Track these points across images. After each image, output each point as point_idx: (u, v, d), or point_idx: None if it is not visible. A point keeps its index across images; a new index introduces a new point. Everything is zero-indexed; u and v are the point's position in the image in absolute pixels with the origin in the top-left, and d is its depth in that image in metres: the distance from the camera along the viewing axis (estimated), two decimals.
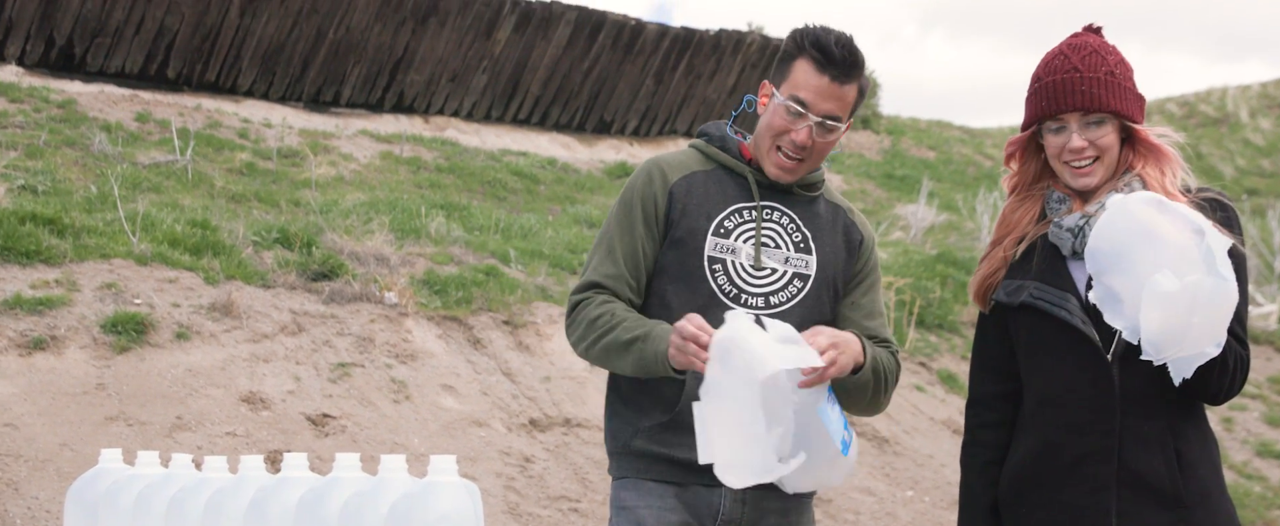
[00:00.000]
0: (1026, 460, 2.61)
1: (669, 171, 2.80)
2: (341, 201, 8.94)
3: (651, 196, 2.77)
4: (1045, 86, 2.56)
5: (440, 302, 7.11)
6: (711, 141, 2.86)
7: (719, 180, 2.80)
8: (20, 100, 9.94)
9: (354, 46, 12.69)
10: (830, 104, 2.67)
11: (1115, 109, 2.52)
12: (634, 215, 2.77)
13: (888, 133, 18.63)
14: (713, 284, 2.72)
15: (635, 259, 2.75)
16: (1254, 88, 24.92)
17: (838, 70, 2.66)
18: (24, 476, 4.94)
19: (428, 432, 5.98)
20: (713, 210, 2.76)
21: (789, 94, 2.68)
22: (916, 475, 7.15)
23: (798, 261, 2.77)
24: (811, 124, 2.68)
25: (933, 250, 11.38)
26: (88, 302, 6.07)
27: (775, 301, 2.74)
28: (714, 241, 2.73)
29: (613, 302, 2.71)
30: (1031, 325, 2.60)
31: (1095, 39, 2.61)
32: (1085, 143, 2.54)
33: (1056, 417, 2.56)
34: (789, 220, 2.79)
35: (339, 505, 2.05)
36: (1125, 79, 2.56)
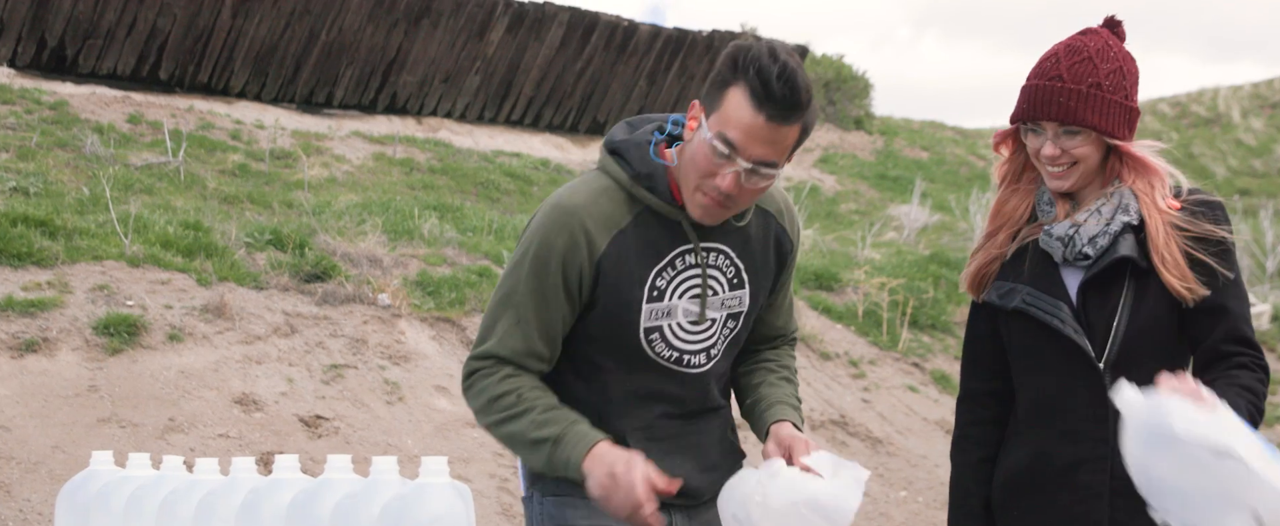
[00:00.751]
0: (1019, 465, 2.60)
1: (595, 233, 2.37)
2: (334, 203, 8.93)
3: (577, 267, 2.37)
4: (1028, 89, 2.51)
5: (433, 304, 7.10)
6: (638, 179, 2.40)
7: (648, 228, 2.40)
8: (12, 101, 9.93)
9: (346, 48, 12.68)
10: (763, 148, 2.25)
11: (1093, 124, 2.45)
12: (550, 282, 2.37)
13: (881, 133, 18.66)
14: (651, 352, 2.45)
15: (550, 332, 2.40)
16: (1245, 88, 24.99)
17: (776, 108, 2.22)
18: (16, 478, 4.93)
19: (421, 434, 5.98)
20: (644, 271, 2.40)
21: (717, 130, 2.26)
22: (910, 475, 7.16)
23: (732, 300, 2.50)
24: (740, 170, 2.26)
25: (925, 250, 11.39)
26: (80, 304, 6.06)
27: (714, 353, 2.51)
28: (649, 309, 2.41)
29: (517, 376, 2.39)
30: (1023, 330, 2.59)
31: (1097, 41, 2.51)
32: (1059, 151, 2.49)
33: (1049, 424, 2.55)
34: (724, 257, 2.47)
35: (330, 507, 2.05)
36: (1113, 91, 2.47)
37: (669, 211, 2.40)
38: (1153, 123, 24.01)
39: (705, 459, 2.58)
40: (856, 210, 14.49)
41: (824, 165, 16.62)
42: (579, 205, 2.39)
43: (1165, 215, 2.49)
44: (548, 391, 2.43)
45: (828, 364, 8.23)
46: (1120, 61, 2.50)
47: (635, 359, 2.45)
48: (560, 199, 2.41)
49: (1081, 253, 2.52)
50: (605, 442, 2.32)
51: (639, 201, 2.41)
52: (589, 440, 2.31)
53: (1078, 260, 2.54)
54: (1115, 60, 2.49)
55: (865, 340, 8.76)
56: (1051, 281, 2.55)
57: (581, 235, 2.37)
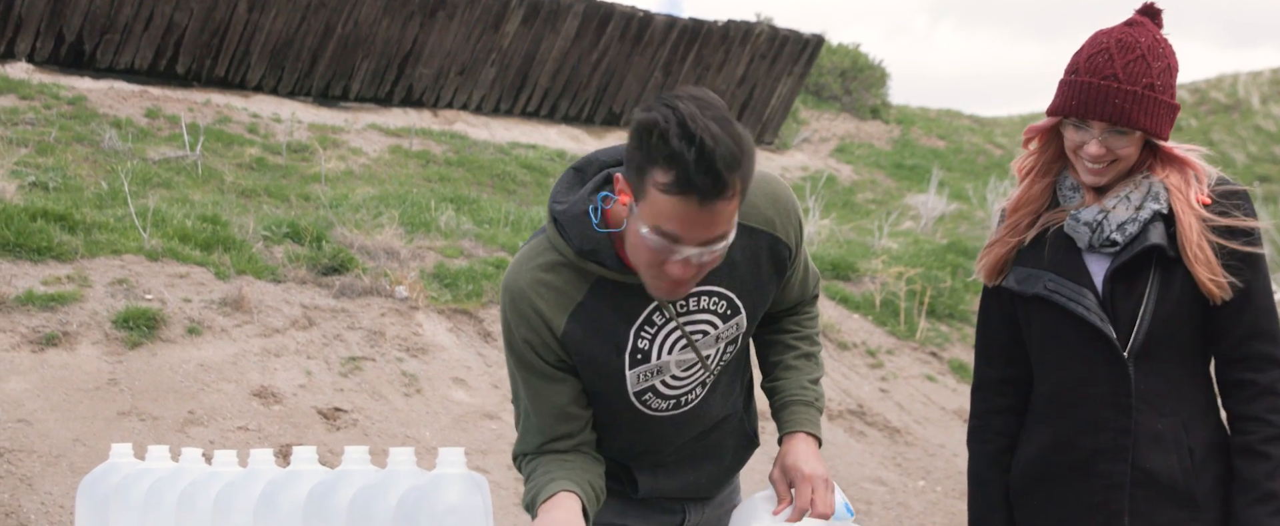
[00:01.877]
0: (1037, 454, 2.58)
1: (550, 315, 2.24)
2: (351, 195, 8.95)
3: (548, 348, 2.26)
4: (1079, 86, 2.43)
5: (451, 296, 7.12)
6: (584, 256, 2.21)
7: (609, 296, 2.24)
8: (30, 97, 9.97)
9: (362, 40, 12.70)
10: (705, 231, 2.05)
11: (1144, 127, 2.41)
12: (534, 373, 2.29)
13: (897, 122, 18.60)
14: (648, 411, 2.37)
15: (561, 411, 2.32)
16: (1265, 74, 24.82)
17: (705, 195, 1.99)
18: (37, 471, 4.96)
19: (439, 425, 5.99)
20: (620, 338, 2.26)
21: (651, 223, 2.05)
22: (928, 465, 7.15)
23: (728, 330, 2.36)
24: (689, 256, 2.08)
25: (943, 239, 11.36)
26: (99, 298, 6.09)
27: (710, 380, 2.42)
28: (634, 373, 2.30)
29: (535, 461, 2.35)
30: (1044, 317, 2.55)
31: (1146, 36, 2.45)
32: (1104, 151, 2.44)
33: (1069, 413, 2.52)
34: (708, 296, 2.32)
35: (348, 497, 2.06)
36: (1164, 90, 2.43)
37: (623, 278, 2.23)
38: None
39: (718, 463, 2.58)
40: (873, 199, 14.45)
41: (840, 155, 16.57)
42: (525, 287, 2.25)
43: (1196, 210, 2.45)
44: (557, 466, 2.35)
45: (845, 353, 8.22)
46: (1168, 58, 2.45)
47: (632, 419, 2.39)
48: (508, 281, 2.29)
49: (1109, 239, 2.48)
50: (562, 494, 2.24)
51: (591, 273, 2.24)
52: (548, 491, 2.25)
53: (1104, 246, 2.49)
54: (1165, 57, 2.44)
55: (883, 330, 8.74)
56: (1074, 268, 2.51)
57: (536, 318, 2.24)
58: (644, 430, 2.43)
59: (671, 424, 2.44)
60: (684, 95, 2.03)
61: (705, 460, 2.56)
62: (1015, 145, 19.25)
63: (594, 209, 2.21)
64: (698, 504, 2.61)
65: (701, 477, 2.56)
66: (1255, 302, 2.45)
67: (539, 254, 2.28)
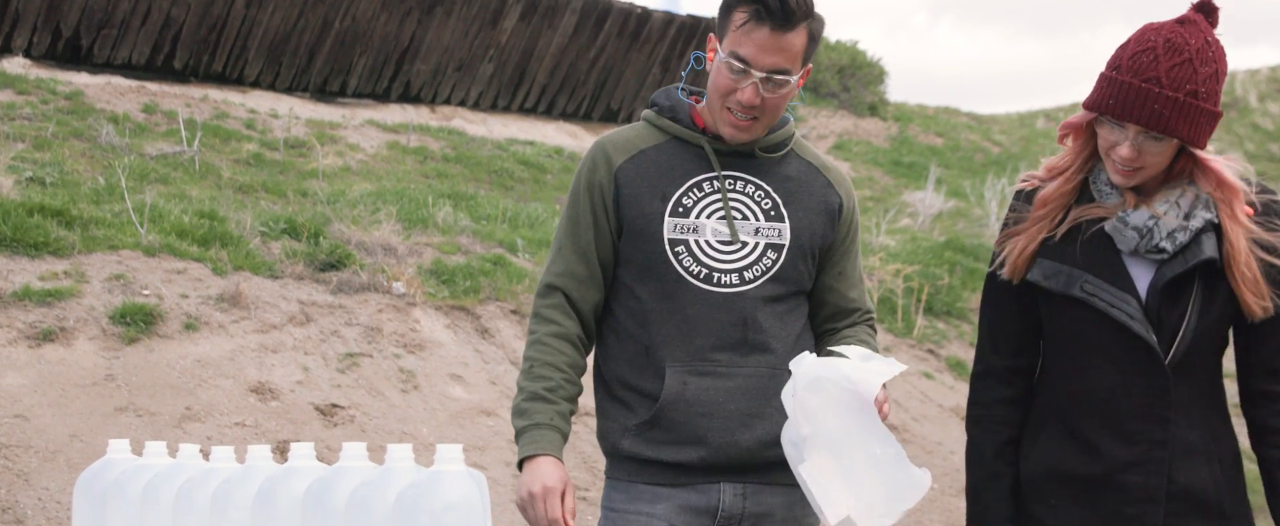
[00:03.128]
0: (1065, 457, 2.49)
1: (613, 154, 2.59)
2: (348, 191, 8.94)
3: (597, 185, 2.59)
4: (1119, 85, 2.33)
5: (448, 292, 7.11)
6: (662, 112, 2.63)
7: (672, 153, 2.59)
8: (27, 92, 9.96)
9: (360, 36, 12.68)
10: (774, 57, 2.44)
11: (1182, 135, 2.32)
12: (581, 207, 2.60)
13: (895, 119, 18.60)
14: (679, 267, 2.55)
15: (586, 254, 2.59)
16: (1263, 72, 24.83)
17: (776, 20, 2.42)
18: (34, 467, 4.96)
19: (436, 422, 5.99)
20: (668, 188, 2.57)
21: (729, 50, 2.46)
22: (926, 462, 7.15)
23: (769, 231, 2.58)
24: (756, 81, 2.45)
25: (940, 237, 11.36)
26: (96, 294, 6.08)
27: (750, 276, 2.56)
28: (672, 222, 2.55)
29: (548, 344, 2.57)
30: (1078, 318, 2.44)
31: (1197, 38, 2.33)
32: (1136, 153, 2.35)
33: (1100, 421, 2.44)
34: (755, 187, 2.59)
35: (346, 494, 2.06)
36: (1208, 97, 2.32)
37: (692, 136, 2.59)
38: None
39: (750, 403, 2.56)
40: (871, 197, 14.45)
41: (838, 151, 16.57)
42: (607, 137, 2.65)
43: (1245, 226, 2.38)
44: (556, 368, 2.57)
45: None
46: (1217, 62, 2.34)
47: (666, 276, 2.55)
48: (598, 139, 2.66)
49: (1157, 246, 2.40)
50: (544, 458, 2.46)
51: (664, 131, 2.62)
52: (534, 448, 2.47)
53: (1151, 252, 2.41)
54: (1213, 61, 2.33)
55: (880, 327, 8.74)
56: (1115, 271, 2.42)
57: (601, 158, 2.60)
58: (679, 300, 2.54)
59: (706, 301, 2.54)
60: None
61: (737, 391, 2.54)
62: (1013, 143, 19.25)
63: (680, 88, 2.66)
64: (733, 481, 2.57)
65: (729, 405, 2.54)
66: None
67: (630, 125, 2.70)
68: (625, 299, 2.61)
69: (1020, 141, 19.34)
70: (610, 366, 2.65)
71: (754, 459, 2.57)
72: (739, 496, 2.57)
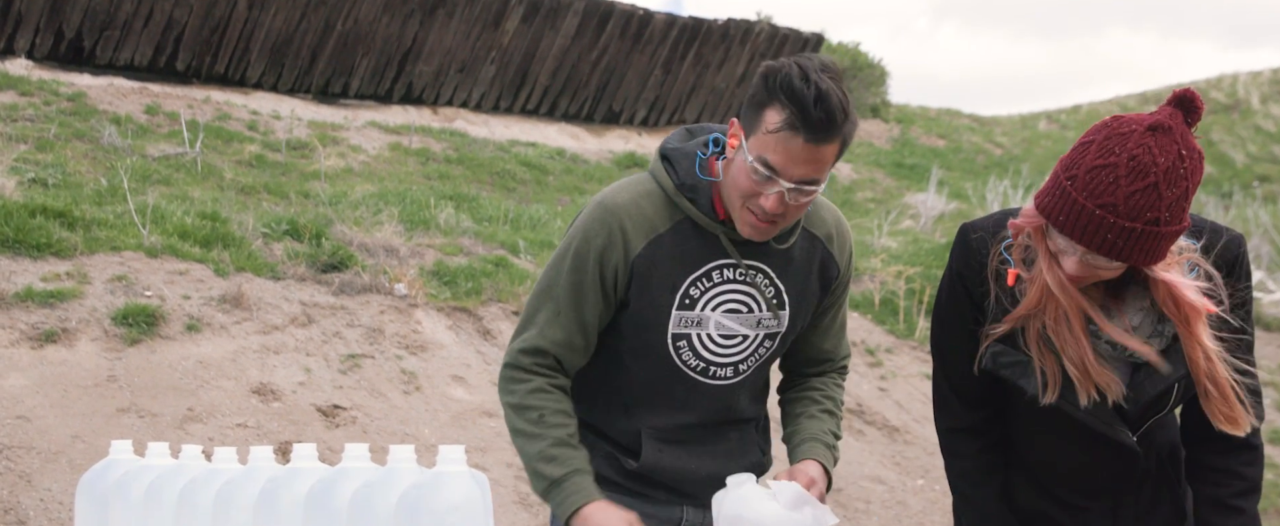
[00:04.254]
0: (1036, 503, 2.49)
1: (632, 235, 2.41)
2: (350, 193, 8.95)
3: (612, 265, 2.42)
4: (1071, 203, 2.06)
5: (450, 293, 7.11)
6: (682, 190, 2.42)
7: (685, 239, 2.43)
8: (30, 93, 9.96)
9: (362, 38, 12.69)
10: (805, 168, 2.26)
11: (1136, 262, 2.10)
12: (588, 278, 2.43)
13: (897, 121, 18.60)
14: (677, 360, 2.47)
15: (585, 327, 2.46)
16: (1265, 74, 24.82)
17: (814, 132, 2.22)
18: (36, 468, 4.96)
19: (438, 423, 5.99)
20: (678, 278, 2.43)
21: (757, 154, 2.27)
22: (927, 464, 7.15)
23: (770, 321, 2.50)
24: (783, 190, 2.28)
25: (942, 238, 11.36)
26: (98, 295, 6.08)
27: (744, 368, 2.52)
28: (678, 316, 2.44)
29: (549, 394, 2.44)
30: (1045, 410, 2.31)
31: (1168, 153, 2.02)
32: (1086, 271, 2.14)
33: (1070, 486, 2.45)
34: (763, 277, 2.47)
35: (348, 495, 2.05)
36: (1170, 222, 2.04)
37: (708, 224, 2.43)
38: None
39: (720, 461, 2.59)
40: (873, 198, 14.45)
41: None
42: (621, 206, 2.43)
43: (1203, 344, 2.20)
44: (569, 416, 2.45)
45: None
46: (1189, 179, 2.04)
47: (661, 365, 2.47)
48: (604, 197, 2.46)
49: (1131, 356, 2.29)
50: (597, 504, 2.35)
51: (680, 211, 2.44)
52: (582, 497, 2.36)
53: (1130, 356, 2.29)
54: (1183, 180, 2.03)
55: (882, 328, 8.74)
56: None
57: (619, 235, 2.42)
58: (668, 383, 2.48)
59: (695, 390, 2.50)
60: (811, 57, 2.30)
61: (712, 455, 2.57)
62: (1015, 145, 19.25)
63: (699, 160, 2.43)
64: (696, 506, 2.60)
65: (701, 471, 2.56)
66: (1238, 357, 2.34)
67: (640, 183, 2.48)
68: (610, 362, 2.52)
69: (1022, 143, 19.34)
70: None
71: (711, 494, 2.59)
72: (700, 511, 2.59)
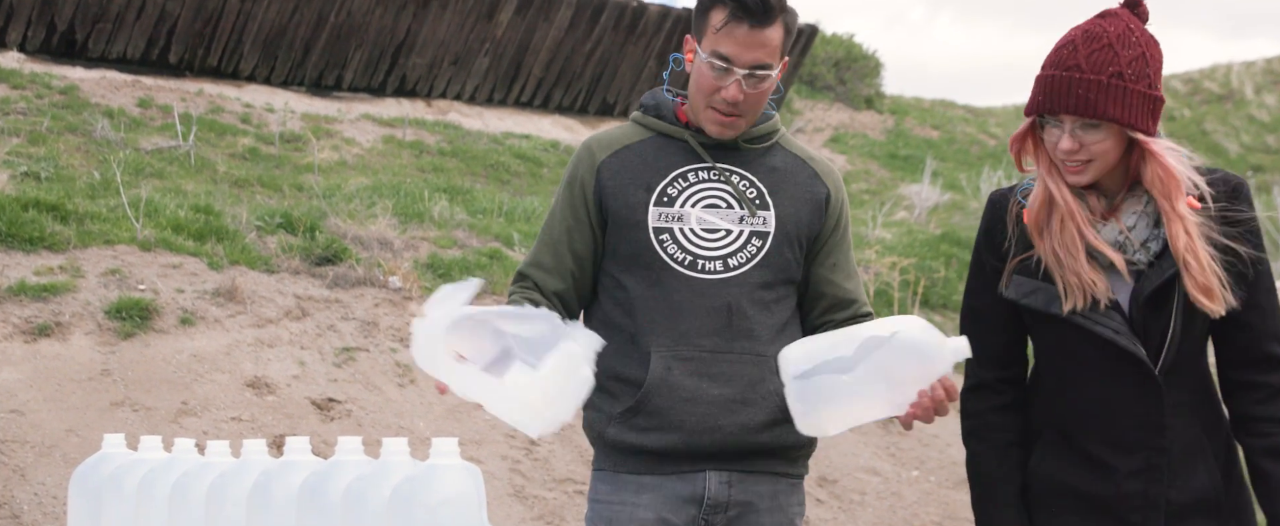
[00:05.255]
0: (1065, 468, 2.48)
1: (598, 150, 2.69)
2: (344, 186, 8.93)
3: (578, 180, 2.67)
4: (1044, 80, 2.35)
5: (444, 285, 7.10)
6: (647, 110, 2.72)
7: (657, 148, 2.67)
8: (22, 86, 9.94)
9: (355, 30, 12.66)
10: (754, 53, 2.53)
11: (1114, 116, 2.29)
12: (560, 201, 2.69)
13: (891, 112, 18.60)
14: (663, 254, 2.60)
15: (557, 246, 2.67)
16: (1259, 64, 24.83)
17: (755, 17, 2.51)
18: (30, 462, 4.95)
19: (433, 416, 5.99)
20: (652, 180, 2.63)
21: (710, 49, 2.54)
22: (922, 455, 7.15)
23: (753, 219, 2.63)
24: (739, 78, 2.54)
25: (937, 230, 11.36)
26: (92, 289, 6.07)
27: (734, 263, 2.61)
28: (657, 211, 2.61)
29: (530, 293, 2.67)
30: (1063, 337, 2.43)
31: (1117, 25, 2.34)
32: (1077, 145, 2.32)
33: (1098, 433, 2.43)
34: (740, 178, 2.65)
35: (342, 488, 2.06)
36: (1136, 80, 2.30)
37: (676, 131, 2.67)
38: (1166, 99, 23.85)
39: (734, 390, 2.56)
40: (867, 189, 14.45)
41: (834, 144, 16.57)
42: (593, 136, 2.75)
43: (1184, 218, 2.34)
44: (535, 302, 2.62)
45: None
46: (1143, 47, 2.34)
47: (651, 264, 2.60)
48: (589, 136, 2.78)
49: (1132, 259, 2.38)
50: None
51: (649, 128, 2.70)
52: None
53: (1128, 266, 2.38)
54: (1137, 46, 2.33)
55: None
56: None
57: (585, 155, 2.69)
58: (665, 287, 2.58)
59: (691, 288, 2.58)
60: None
61: (723, 377, 2.56)
62: (1009, 135, 19.25)
63: (665, 86, 2.74)
64: (718, 469, 2.57)
65: (711, 392, 2.55)
66: (1261, 304, 2.39)
67: (617, 127, 2.78)
68: (612, 289, 2.66)
69: None
70: (598, 359, 2.62)
71: (738, 445, 2.57)
72: (724, 484, 2.58)
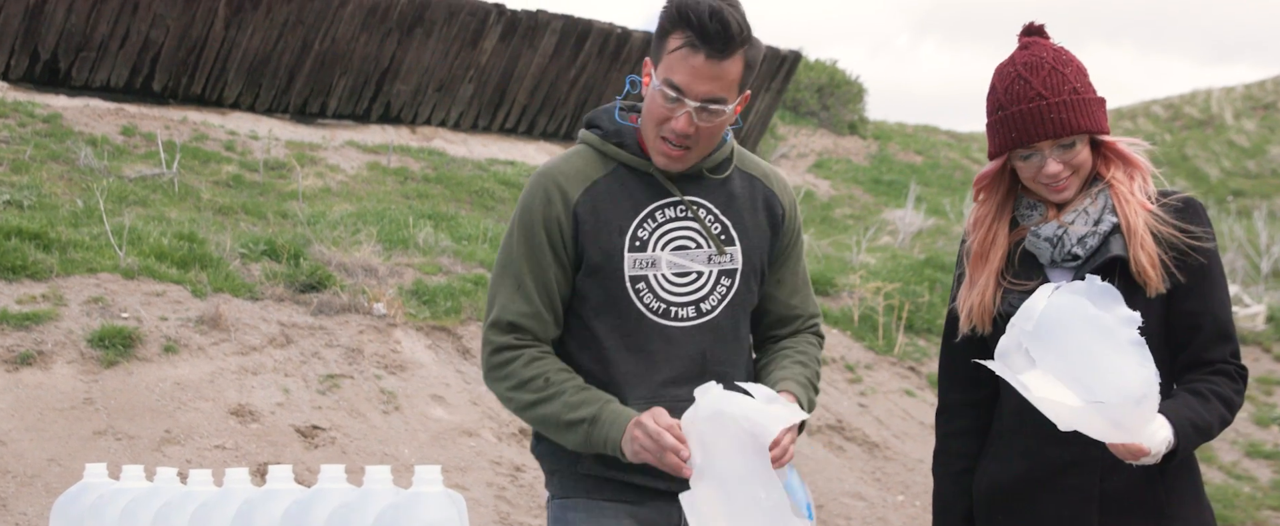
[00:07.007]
0: (1004, 470, 2.58)
1: (567, 187, 2.51)
2: (329, 213, 8.93)
3: (554, 220, 2.50)
4: (1012, 117, 2.47)
5: (429, 313, 7.10)
6: (607, 137, 2.56)
7: (623, 183, 2.53)
8: (5, 115, 9.92)
9: (340, 57, 12.68)
10: (708, 85, 2.38)
11: (1087, 128, 2.46)
12: (537, 242, 2.50)
13: (875, 138, 18.68)
14: (640, 305, 2.51)
15: (549, 292, 2.52)
16: (1238, 90, 25.04)
17: (713, 47, 2.36)
18: (11, 492, 4.92)
19: (418, 443, 5.97)
20: (624, 221, 2.51)
21: (663, 77, 2.40)
22: (907, 479, 7.16)
23: (721, 258, 2.55)
24: (690, 110, 2.40)
25: (920, 254, 11.40)
26: (75, 317, 6.05)
27: (707, 307, 2.55)
28: (632, 258, 2.50)
29: (544, 360, 2.50)
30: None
31: (1045, 50, 2.50)
32: (1062, 167, 2.48)
33: (1037, 429, 2.50)
34: (706, 212, 2.55)
35: (324, 517, 2.05)
36: (1086, 90, 2.48)
37: (641, 165, 2.53)
38: (1146, 125, 24.03)
39: None
40: (851, 214, 14.50)
41: (818, 170, 16.63)
42: (553, 166, 2.56)
43: (1138, 200, 2.50)
44: (572, 373, 2.50)
45: (824, 369, 8.23)
46: (1074, 61, 2.51)
47: (626, 313, 2.51)
48: (539, 168, 2.59)
49: (1070, 253, 2.51)
50: (639, 417, 2.40)
51: (612, 158, 2.55)
52: (625, 417, 2.42)
53: (1066, 261, 2.52)
54: (1070, 61, 2.50)
55: (861, 345, 8.76)
56: (1037, 284, 2.50)
57: (555, 191, 2.51)
58: (638, 336, 2.51)
59: (664, 337, 2.52)
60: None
61: None
62: None
63: (618, 109, 2.59)
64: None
65: None
66: (1211, 313, 2.48)
67: (570, 150, 2.61)
68: (580, 334, 2.55)
69: None
70: None
71: None
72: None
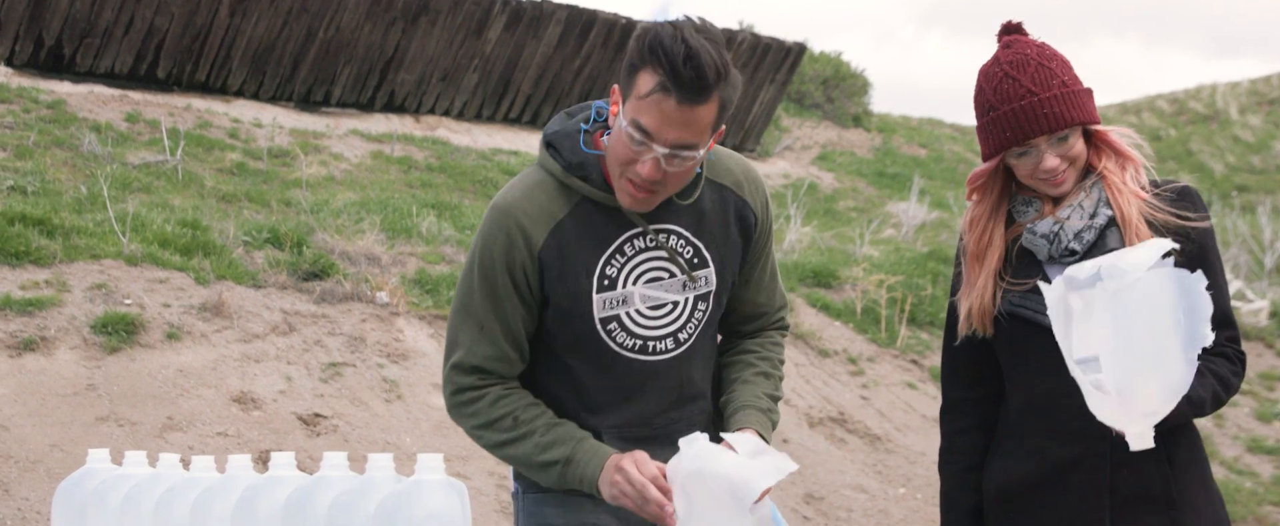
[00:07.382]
0: (1012, 468, 2.58)
1: (531, 229, 2.35)
2: (332, 201, 8.93)
3: (519, 265, 2.36)
4: (1005, 116, 2.48)
5: (432, 302, 7.10)
6: (570, 170, 2.36)
7: (588, 219, 2.37)
8: (9, 101, 9.92)
9: (344, 46, 12.67)
10: (679, 132, 2.20)
11: (1080, 120, 2.48)
12: (500, 288, 2.36)
13: (879, 130, 18.67)
14: (612, 344, 2.41)
15: (513, 334, 2.40)
16: (1243, 85, 25.00)
17: (686, 92, 2.16)
18: (14, 477, 4.93)
19: (420, 431, 5.98)
20: (590, 261, 2.37)
21: (631, 118, 2.21)
22: (908, 472, 7.16)
23: (694, 284, 2.44)
24: (658, 156, 2.23)
25: (924, 248, 11.39)
26: (78, 303, 6.06)
27: (684, 337, 2.46)
28: (601, 299, 2.37)
29: (510, 397, 2.40)
30: (1012, 332, 2.55)
31: (1030, 48, 2.52)
32: (1059, 160, 2.49)
33: (1044, 426, 2.52)
34: (676, 238, 2.41)
35: (326, 504, 2.05)
36: (1074, 82, 2.49)
37: (605, 199, 2.36)
38: (1151, 119, 23.99)
39: None
40: (854, 207, 14.49)
41: (822, 162, 16.62)
42: (514, 202, 2.37)
43: (1132, 190, 2.51)
44: (542, 407, 2.42)
45: (826, 361, 8.23)
46: (1058, 55, 2.52)
47: (599, 353, 2.42)
48: (496, 200, 2.41)
49: (1067, 248, 2.51)
50: (616, 457, 2.33)
51: (576, 192, 2.38)
52: (600, 456, 2.35)
53: (1063, 256, 2.52)
54: (1054, 56, 2.51)
55: (864, 337, 8.76)
56: (1036, 280, 2.51)
57: (517, 233, 2.35)
58: (614, 372, 2.42)
59: (641, 371, 2.44)
60: (688, 18, 2.22)
61: (671, 442, 2.46)
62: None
63: (582, 133, 2.38)
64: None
65: (664, 459, 2.49)
66: (1211, 281, 2.42)
67: (529, 176, 2.42)
68: (553, 365, 2.47)
69: None
70: None
71: None
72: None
